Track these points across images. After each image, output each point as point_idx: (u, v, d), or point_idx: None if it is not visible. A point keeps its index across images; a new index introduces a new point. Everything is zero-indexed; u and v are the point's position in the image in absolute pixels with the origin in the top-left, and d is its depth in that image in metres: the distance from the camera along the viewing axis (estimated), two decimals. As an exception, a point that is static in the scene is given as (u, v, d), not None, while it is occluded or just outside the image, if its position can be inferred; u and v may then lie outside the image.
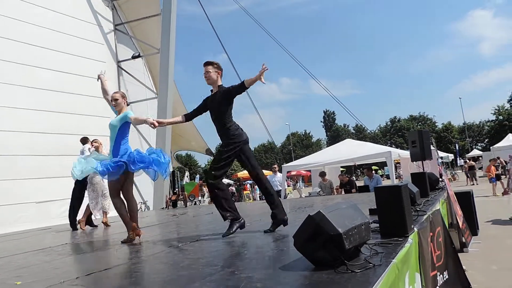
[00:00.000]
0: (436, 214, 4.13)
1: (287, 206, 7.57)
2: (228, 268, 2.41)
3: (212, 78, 4.00)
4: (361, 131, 58.76)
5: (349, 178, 11.13)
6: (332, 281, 1.89)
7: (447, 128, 56.97)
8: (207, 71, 4.01)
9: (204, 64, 4.05)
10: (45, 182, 9.55)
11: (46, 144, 9.80)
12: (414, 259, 2.68)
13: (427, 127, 54.87)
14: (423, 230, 3.10)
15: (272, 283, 1.99)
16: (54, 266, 3.23)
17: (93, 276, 2.61)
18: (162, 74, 12.20)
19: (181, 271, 2.50)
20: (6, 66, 9.36)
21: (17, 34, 9.77)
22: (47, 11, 10.72)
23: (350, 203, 2.46)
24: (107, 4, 13.21)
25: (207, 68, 4.01)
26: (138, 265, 2.93)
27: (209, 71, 3.99)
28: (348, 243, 2.10)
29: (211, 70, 4.00)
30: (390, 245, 2.48)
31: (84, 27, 11.88)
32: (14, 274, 3.00)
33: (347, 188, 10.57)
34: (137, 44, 14.18)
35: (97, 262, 3.17)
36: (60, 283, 2.50)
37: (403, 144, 50.60)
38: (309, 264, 2.20)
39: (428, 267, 3.07)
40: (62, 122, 10.36)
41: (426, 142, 7.03)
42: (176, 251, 3.33)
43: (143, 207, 12.67)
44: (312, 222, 2.18)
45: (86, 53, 11.67)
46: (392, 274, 2.06)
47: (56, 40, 10.73)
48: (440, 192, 6.03)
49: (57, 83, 10.42)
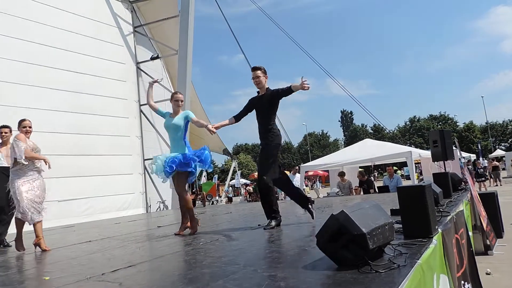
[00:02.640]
0: (460, 215, 4.05)
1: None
2: (250, 267, 2.42)
3: (262, 82, 4.32)
4: (379, 131, 58.00)
5: (367, 178, 10.98)
6: (356, 280, 1.88)
7: (469, 128, 55.65)
8: (257, 76, 4.31)
9: (253, 69, 4.36)
10: (66, 181, 9.77)
11: (67, 144, 10.03)
12: (439, 261, 2.63)
13: (448, 126, 53.77)
14: (448, 231, 3.04)
15: (295, 282, 1.99)
16: (80, 262, 3.31)
17: (118, 272, 2.66)
18: (180, 75, 12.32)
19: (203, 269, 2.53)
20: (27, 67, 9.61)
21: (39, 36, 10.01)
22: (68, 14, 10.97)
23: (373, 203, 2.44)
24: (127, 6, 13.44)
25: (257, 73, 4.31)
26: (161, 263, 2.98)
27: (259, 75, 4.30)
28: (372, 243, 2.08)
29: (260, 74, 4.31)
30: (414, 246, 2.45)
31: (105, 30, 12.12)
32: (42, 270, 3.10)
33: (364, 187, 10.43)
34: (155, 46, 14.37)
35: (120, 259, 3.23)
36: (86, 279, 2.56)
37: (422, 144, 49.75)
38: (332, 264, 2.19)
39: (455, 269, 3.02)
40: (82, 122, 10.59)
41: (448, 141, 6.90)
42: (197, 250, 3.37)
43: (162, 206, 12.83)
44: (335, 222, 2.17)
45: (107, 55, 11.91)
46: (417, 275, 2.03)
47: (77, 42, 10.98)
48: (463, 193, 5.90)
49: (77, 84, 10.65)
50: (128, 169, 12.09)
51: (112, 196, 11.22)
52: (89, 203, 10.47)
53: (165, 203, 12.87)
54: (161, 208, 12.75)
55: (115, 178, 11.44)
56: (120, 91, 12.21)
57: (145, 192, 12.72)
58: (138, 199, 12.36)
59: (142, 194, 12.62)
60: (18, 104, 8.83)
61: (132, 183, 12.18)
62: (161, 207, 12.82)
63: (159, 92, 13.73)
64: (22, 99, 9.17)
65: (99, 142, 11.05)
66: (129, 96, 12.71)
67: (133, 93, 12.99)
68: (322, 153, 46.76)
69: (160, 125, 13.33)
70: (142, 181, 12.71)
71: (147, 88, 4.95)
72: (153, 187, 12.91)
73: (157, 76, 13.87)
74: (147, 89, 4.93)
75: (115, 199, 11.35)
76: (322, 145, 63.95)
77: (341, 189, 10.70)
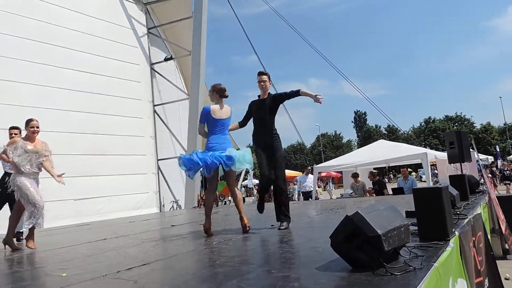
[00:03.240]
0: (477, 218, 3.97)
1: (319, 207, 7.51)
2: (264, 267, 2.42)
3: (267, 87, 4.42)
4: (393, 132, 57.29)
5: (379, 178, 10.82)
6: (370, 283, 1.86)
7: (486, 129, 54.50)
8: (263, 80, 4.40)
9: (259, 74, 4.48)
10: (82, 180, 9.93)
11: (83, 144, 10.19)
12: (456, 264, 2.59)
13: (464, 127, 52.76)
14: (465, 234, 2.99)
15: (308, 283, 1.98)
16: (96, 260, 3.36)
17: (133, 270, 2.69)
18: (194, 76, 12.40)
19: (217, 268, 2.54)
20: (44, 69, 9.80)
21: (56, 38, 10.21)
22: (84, 16, 11.16)
23: (388, 205, 2.41)
24: (141, 8, 13.60)
25: (263, 78, 4.41)
26: (174, 262, 3.00)
27: (265, 80, 4.41)
28: (387, 245, 2.06)
29: (266, 79, 4.41)
30: (430, 249, 2.41)
31: (119, 31, 12.29)
32: (59, 267, 3.15)
33: (375, 188, 10.29)
34: (169, 47, 14.50)
35: (135, 257, 3.26)
36: (102, 276, 2.60)
37: (438, 145, 48.95)
38: (346, 265, 2.17)
39: (472, 272, 2.96)
40: (97, 122, 10.75)
41: (464, 143, 6.76)
42: (211, 249, 3.38)
43: (175, 205, 12.93)
44: (350, 223, 2.15)
45: (121, 56, 12.07)
46: (433, 278, 2.00)
47: (93, 43, 11.16)
48: (481, 196, 5.79)
49: (93, 85, 10.82)
50: (142, 168, 12.22)
51: (127, 195, 11.36)
52: (104, 202, 10.61)
53: (178, 203, 12.97)
54: (174, 208, 12.84)
55: (130, 177, 11.57)
56: (134, 91, 12.36)
57: (159, 191, 12.85)
58: (152, 198, 12.48)
59: (156, 193, 12.75)
60: (36, 105, 9.01)
61: (146, 183, 12.31)
62: (174, 206, 12.91)
63: (172, 93, 13.89)
64: (39, 100, 9.36)
65: (114, 142, 11.20)
66: (143, 97, 12.85)
67: (147, 93, 13.13)
68: (335, 154, 46.43)
69: (173, 125, 13.49)
70: (155, 180, 12.84)
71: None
72: (167, 186, 13.03)
73: (171, 78, 14.05)
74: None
75: (130, 199, 11.49)
76: (335, 146, 63.50)
77: (355, 191, 10.60)
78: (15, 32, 9.39)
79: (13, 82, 9.12)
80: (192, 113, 12.24)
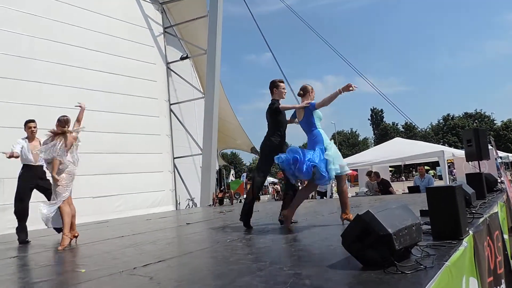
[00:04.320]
0: (494, 218, 3.91)
1: (334, 205, 7.49)
2: (276, 264, 2.46)
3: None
4: (411, 130, 56.40)
5: (382, 178, 10.35)
6: (381, 281, 1.88)
7: (507, 126, 53.12)
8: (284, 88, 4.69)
9: (282, 81, 4.72)
10: (100, 178, 10.16)
11: (102, 142, 10.40)
12: (469, 263, 2.57)
13: (485, 125, 51.51)
14: (479, 234, 2.96)
15: (320, 281, 2.01)
16: (113, 256, 3.46)
17: (149, 267, 2.77)
18: (209, 74, 12.50)
19: (230, 266, 2.59)
20: (64, 69, 10.04)
21: (74, 39, 10.43)
22: (102, 16, 11.37)
23: (400, 204, 2.42)
24: (157, 7, 13.76)
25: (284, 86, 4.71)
26: (189, 259, 3.07)
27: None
28: (398, 243, 2.07)
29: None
30: (443, 248, 2.40)
31: (136, 31, 12.47)
32: (79, 263, 3.26)
33: (380, 188, 10.06)
34: (185, 46, 14.65)
35: (151, 254, 3.35)
36: (119, 272, 2.69)
37: (457, 143, 47.95)
38: (357, 264, 2.19)
39: (485, 272, 2.93)
40: (116, 121, 10.95)
41: (482, 140, 6.64)
42: (225, 247, 3.44)
43: (191, 204, 13.08)
44: (361, 222, 2.17)
45: (138, 56, 12.25)
46: (444, 277, 2.00)
47: (110, 43, 11.36)
48: (499, 194, 5.69)
49: (110, 84, 11.03)
50: (158, 167, 12.41)
51: (143, 193, 11.55)
52: (121, 199, 10.83)
53: (194, 201, 13.12)
54: (190, 206, 13.00)
55: (146, 175, 11.76)
56: (151, 90, 12.53)
57: (175, 189, 13.01)
58: (168, 196, 12.66)
59: (172, 191, 12.92)
60: (56, 104, 9.24)
61: (162, 181, 12.49)
62: (190, 204, 13.07)
63: (188, 92, 14.04)
64: (59, 99, 9.58)
65: (131, 140, 11.40)
66: (160, 96, 13.02)
67: (164, 92, 13.30)
68: (351, 152, 46.02)
69: (189, 123, 13.64)
70: (172, 178, 13.01)
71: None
72: (183, 185, 13.19)
73: (187, 76, 14.19)
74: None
75: (146, 196, 11.67)
76: (351, 143, 62.91)
77: (370, 189, 10.52)
78: (35, 33, 9.65)
79: (33, 82, 9.38)
80: (208, 111, 12.35)
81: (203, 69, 13.77)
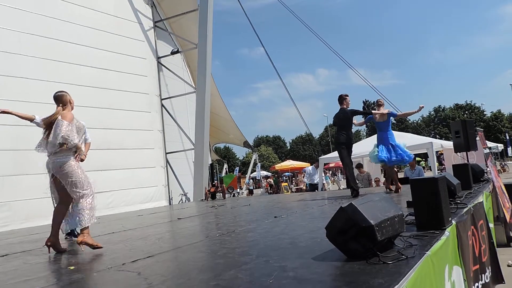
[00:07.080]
0: (479, 207, 3.98)
1: (324, 198, 7.57)
2: (262, 258, 2.49)
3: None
4: (402, 122, 56.72)
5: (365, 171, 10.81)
6: (363, 271, 1.92)
7: (497, 117, 53.75)
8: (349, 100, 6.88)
9: (348, 95, 6.88)
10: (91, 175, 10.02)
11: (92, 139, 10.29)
12: (452, 252, 2.63)
13: (475, 116, 52.08)
14: (463, 223, 3.02)
15: (304, 272, 2.05)
16: (103, 253, 3.47)
17: (137, 263, 2.79)
18: (200, 69, 12.43)
19: (217, 259, 2.63)
20: (52, 64, 9.92)
21: (63, 34, 10.29)
22: (91, 11, 11.23)
23: (382, 196, 2.46)
24: (147, 1, 13.62)
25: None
26: (178, 254, 3.10)
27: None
28: (380, 234, 2.11)
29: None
30: (425, 238, 2.46)
31: (126, 25, 12.34)
32: (67, 260, 3.27)
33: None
34: (175, 40, 14.54)
35: (141, 250, 3.37)
36: (107, 268, 2.70)
37: (448, 134, 48.40)
38: (341, 255, 2.24)
39: (469, 260, 3.00)
40: (106, 117, 10.85)
41: (470, 132, 6.73)
42: (214, 241, 3.47)
43: (184, 198, 13.08)
44: (344, 214, 2.21)
45: (128, 50, 12.14)
46: (425, 266, 2.05)
47: (99, 38, 11.23)
48: (485, 184, 5.78)
49: (99, 80, 10.92)
50: (151, 162, 12.37)
51: (136, 189, 11.52)
52: (113, 196, 10.79)
53: (187, 196, 13.12)
54: (183, 201, 13.01)
55: (139, 171, 11.73)
56: (141, 86, 12.45)
57: (167, 185, 13.00)
58: (160, 192, 12.64)
59: (165, 187, 12.90)
60: (44, 101, 9.15)
61: (154, 176, 12.46)
62: (183, 199, 13.07)
63: (179, 86, 13.97)
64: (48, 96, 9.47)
65: (122, 136, 11.33)
66: (151, 91, 12.94)
67: (155, 87, 13.21)
68: (343, 145, 46.15)
69: (180, 118, 13.60)
70: (164, 174, 12.99)
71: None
72: (175, 180, 13.18)
73: (178, 71, 14.10)
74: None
75: (139, 192, 11.65)
76: (344, 136, 63.06)
77: (360, 181, 10.61)
78: (23, 28, 9.51)
79: (21, 78, 9.26)
80: (199, 106, 12.31)
81: (194, 63, 13.69)
